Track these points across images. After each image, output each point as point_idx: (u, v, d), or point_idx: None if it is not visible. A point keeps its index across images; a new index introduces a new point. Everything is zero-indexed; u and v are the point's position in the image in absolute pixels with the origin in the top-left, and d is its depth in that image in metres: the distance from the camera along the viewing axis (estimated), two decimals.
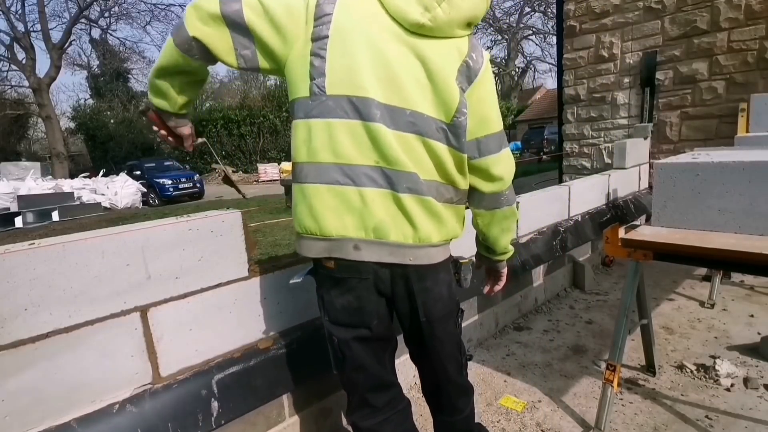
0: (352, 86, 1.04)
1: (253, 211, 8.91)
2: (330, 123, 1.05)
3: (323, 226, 1.09)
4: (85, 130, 28.65)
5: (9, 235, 9.30)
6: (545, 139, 21.31)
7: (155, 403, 1.34)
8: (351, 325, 1.18)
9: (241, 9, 1.01)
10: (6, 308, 1.11)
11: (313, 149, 1.07)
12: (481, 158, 1.17)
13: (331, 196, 1.07)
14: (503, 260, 1.43)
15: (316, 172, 1.07)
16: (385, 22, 1.05)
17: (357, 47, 1.03)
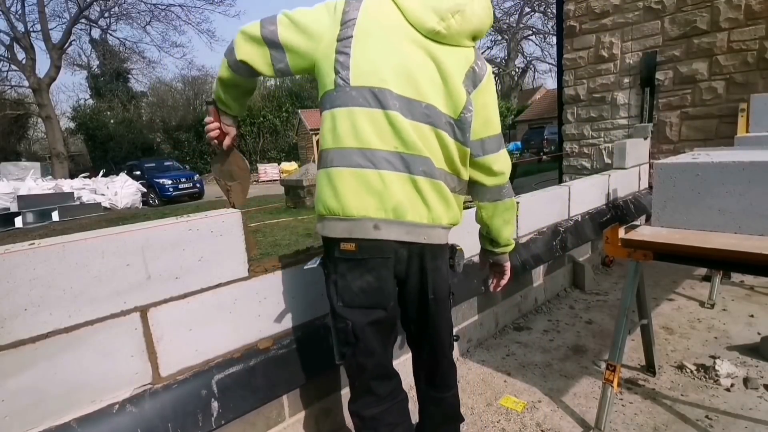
0: (374, 78, 1.15)
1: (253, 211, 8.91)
2: (353, 111, 1.16)
3: (346, 206, 1.17)
4: (85, 130, 28.64)
5: (9, 235, 9.31)
6: (545, 139, 21.33)
7: (155, 403, 1.34)
8: (369, 307, 1.25)
9: (276, 29, 1.21)
10: (6, 308, 1.11)
11: (338, 135, 1.17)
12: (484, 156, 1.32)
13: (354, 179, 1.17)
14: (506, 252, 1.55)
15: (340, 156, 1.18)
16: (404, 28, 1.19)
17: (378, 45, 1.17)
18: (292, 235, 6.62)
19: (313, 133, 24.62)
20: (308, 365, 1.70)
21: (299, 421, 1.78)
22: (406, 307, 1.33)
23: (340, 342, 1.28)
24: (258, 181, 22.55)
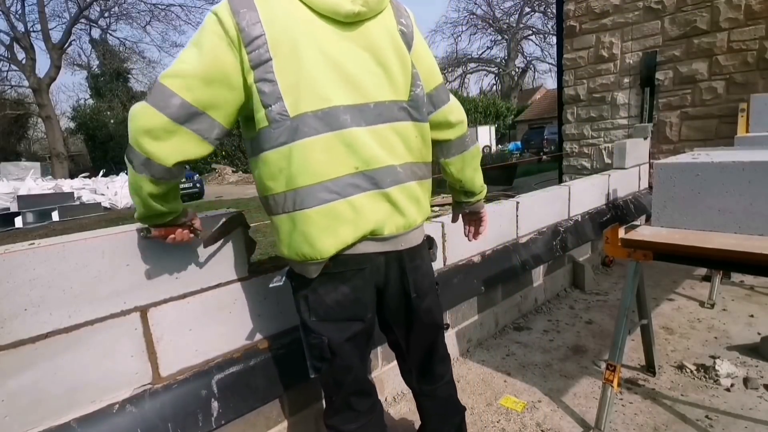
0: (315, 100, 1.01)
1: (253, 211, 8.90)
2: (301, 144, 1.01)
3: (322, 250, 1.07)
4: (85, 130, 28.65)
5: (9, 235, 9.30)
6: (545, 139, 21.32)
7: (155, 403, 1.34)
8: (345, 319, 1.17)
9: (179, 99, 0.95)
10: (6, 308, 1.11)
11: (291, 176, 1.03)
12: (437, 111, 1.25)
13: (322, 217, 1.05)
14: (482, 199, 1.51)
15: (301, 197, 1.04)
16: (319, 25, 1.02)
17: (304, 59, 0.99)
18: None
19: None
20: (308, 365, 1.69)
21: (299, 421, 1.78)
22: (389, 312, 1.27)
23: (314, 357, 1.20)
24: None
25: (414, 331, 1.31)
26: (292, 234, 1.09)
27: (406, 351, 1.37)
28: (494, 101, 31.59)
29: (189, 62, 0.97)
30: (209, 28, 0.98)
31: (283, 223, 1.10)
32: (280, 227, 1.12)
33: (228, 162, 28.27)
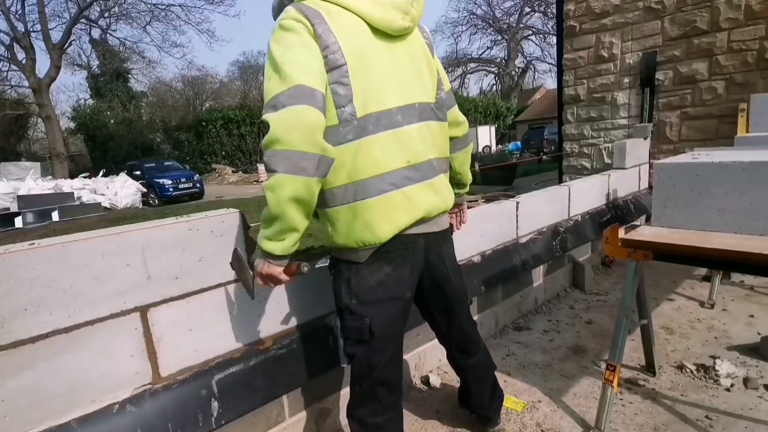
0: (376, 104, 1.15)
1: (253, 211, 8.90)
2: (365, 141, 1.15)
3: (381, 235, 1.19)
4: (85, 130, 28.62)
5: (9, 235, 9.30)
6: (545, 139, 21.30)
7: (155, 404, 1.34)
8: (386, 299, 1.27)
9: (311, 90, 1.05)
10: (6, 308, 1.11)
11: (355, 169, 1.15)
12: (449, 112, 1.44)
13: (381, 206, 1.18)
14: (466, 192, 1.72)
15: (362, 189, 1.17)
16: (374, 36, 1.17)
17: (370, 67, 1.14)
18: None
19: None
20: (308, 365, 1.70)
21: (299, 421, 1.78)
22: (426, 291, 1.41)
23: (352, 342, 1.28)
24: (258, 181, 22.55)
25: (448, 307, 1.49)
26: (353, 223, 1.19)
27: (446, 330, 1.55)
28: (494, 101, 31.58)
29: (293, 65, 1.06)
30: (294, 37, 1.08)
31: (342, 214, 1.20)
32: (337, 218, 1.21)
33: (228, 162, 28.26)
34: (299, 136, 1.01)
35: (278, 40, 1.09)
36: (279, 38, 1.09)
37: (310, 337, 1.72)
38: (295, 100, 1.02)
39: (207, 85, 35.39)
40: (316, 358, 1.72)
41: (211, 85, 35.98)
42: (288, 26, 1.09)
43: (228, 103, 32.91)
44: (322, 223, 1.26)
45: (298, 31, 1.08)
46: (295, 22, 1.08)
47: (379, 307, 1.26)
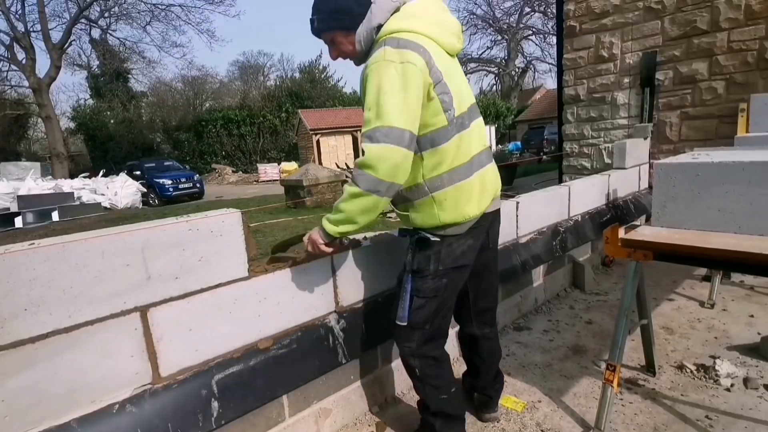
0: (461, 105, 1.48)
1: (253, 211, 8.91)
2: (464, 134, 1.48)
3: (482, 207, 1.52)
4: (85, 130, 28.65)
5: (9, 235, 9.30)
6: (545, 139, 21.30)
7: (155, 403, 1.34)
8: (462, 265, 1.56)
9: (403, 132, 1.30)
10: (6, 308, 1.11)
11: (456, 157, 1.45)
12: None
13: (476, 184, 1.50)
14: None
15: (459, 174, 1.47)
16: (446, 55, 1.47)
17: (452, 78, 1.44)
18: (292, 235, 6.62)
19: (313, 133, 24.60)
20: (308, 365, 1.70)
21: (299, 421, 1.78)
22: (478, 260, 1.63)
23: (424, 298, 1.53)
24: (258, 181, 22.55)
25: (486, 277, 1.76)
26: (459, 200, 1.47)
27: (475, 297, 1.77)
28: (494, 101, 31.60)
29: (409, 109, 1.33)
30: (412, 72, 1.32)
31: (449, 195, 1.46)
32: (445, 198, 1.46)
33: (228, 162, 28.25)
34: (385, 169, 1.30)
35: (382, 73, 1.32)
36: (383, 72, 1.32)
37: (311, 337, 1.72)
38: (388, 139, 1.28)
39: (207, 85, 35.40)
40: (316, 358, 1.72)
41: (211, 85, 36.01)
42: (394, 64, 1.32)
43: (228, 103, 32.93)
44: (422, 209, 1.49)
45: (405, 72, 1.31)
46: (399, 65, 1.31)
47: (458, 271, 1.57)
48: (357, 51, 1.48)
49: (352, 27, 1.44)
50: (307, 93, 31.45)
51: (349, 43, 1.48)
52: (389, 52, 1.32)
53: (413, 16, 1.41)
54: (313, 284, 1.75)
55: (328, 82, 34.99)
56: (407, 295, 1.54)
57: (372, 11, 1.42)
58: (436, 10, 1.47)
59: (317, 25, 1.49)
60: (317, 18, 1.48)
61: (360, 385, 2.00)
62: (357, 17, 1.43)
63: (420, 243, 1.53)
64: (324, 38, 1.52)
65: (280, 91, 32.07)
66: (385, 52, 1.33)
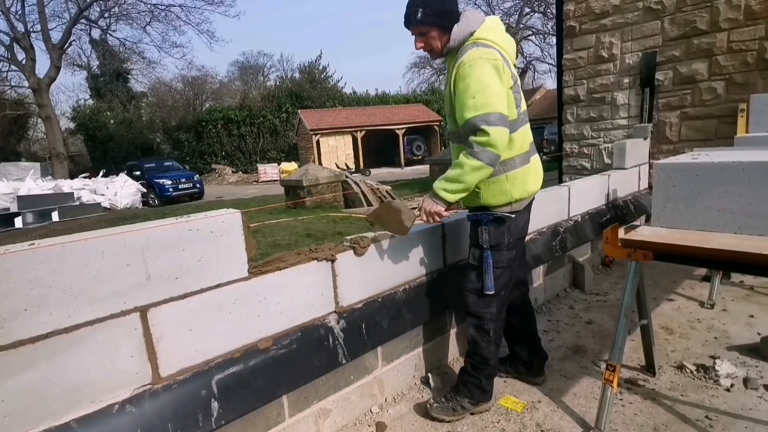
0: (523, 105, 1.83)
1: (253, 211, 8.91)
2: (526, 127, 1.87)
3: (537, 186, 1.91)
4: (84, 131, 28.63)
5: (9, 236, 9.30)
6: (545, 139, 21.26)
7: (155, 404, 1.34)
8: (523, 236, 1.97)
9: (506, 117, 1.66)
10: (6, 308, 1.11)
11: (522, 145, 1.82)
12: None
13: (534, 168, 1.87)
14: None
15: (524, 158, 1.83)
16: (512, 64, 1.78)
17: (517, 84, 1.77)
18: (291, 235, 6.62)
19: (313, 134, 24.60)
20: (308, 365, 1.70)
21: (299, 421, 1.78)
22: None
23: (502, 269, 1.84)
24: (258, 181, 22.54)
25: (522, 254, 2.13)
26: (525, 179, 1.82)
27: (517, 265, 2.01)
28: None
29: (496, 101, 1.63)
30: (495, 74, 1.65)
31: (519, 175, 1.80)
32: (516, 177, 1.79)
33: (228, 162, 28.24)
34: (502, 146, 1.64)
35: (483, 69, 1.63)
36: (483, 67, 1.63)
37: (310, 338, 1.72)
38: (501, 122, 1.61)
39: (207, 86, 35.38)
40: (316, 358, 1.72)
41: (210, 85, 35.99)
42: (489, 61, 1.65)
43: (228, 103, 32.91)
44: (497, 187, 1.78)
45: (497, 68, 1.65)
46: (492, 62, 1.64)
47: (521, 242, 1.96)
48: (445, 48, 1.77)
49: (448, 28, 1.72)
50: (307, 93, 31.45)
51: (439, 40, 1.75)
52: (483, 52, 1.64)
53: (493, 30, 1.74)
54: (313, 284, 1.75)
55: (328, 83, 34.99)
56: (490, 268, 1.81)
57: (468, 18, 1.73)
58: (503, 29, 1.80)
59: (421, 16, 1.70)
60: (423, 11, 1.69)
61: (360, 385, 2.00)
62: (454, 21, 1.72)
63: (497, 221, 1.82)
64: (419, 30, 1.75)
65: (280, 91, 32.06)
66: (480, 52, 1.64)
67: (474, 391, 1.96)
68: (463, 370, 2.01)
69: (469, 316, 1.95)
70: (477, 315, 1.91)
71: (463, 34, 1.72)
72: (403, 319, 2.05)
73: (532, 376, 2.20)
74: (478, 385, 1.95)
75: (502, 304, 1.92)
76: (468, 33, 1.71)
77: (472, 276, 1.90)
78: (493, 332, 1.91)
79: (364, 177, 12.54)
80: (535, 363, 2.19)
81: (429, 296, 2.17)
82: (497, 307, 1.89)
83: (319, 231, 6.83)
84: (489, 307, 1.88)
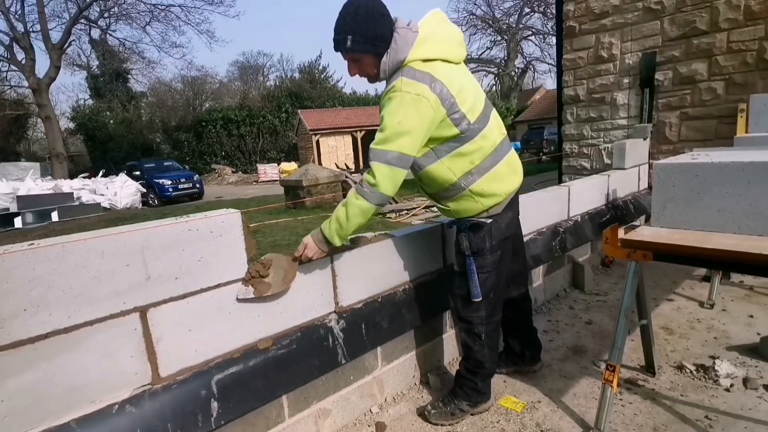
0: (474, 111, 1.66)
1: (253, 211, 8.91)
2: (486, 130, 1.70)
3: (514, 185, 1.81)
4: (84, 131, 28.62)
5: (8, 236, 9.30)
6: (545, 139, 21.30)
7: (155, 404, 1.34)
8: (509, 235, 1.84)
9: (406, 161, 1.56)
10: (5, 309, 1.11)
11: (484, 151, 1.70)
12: None
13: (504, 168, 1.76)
14: None
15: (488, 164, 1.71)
16: (455, 67, 1.66)
17: (464, 91, 1.63)
18: (291, 235, 6.62)
19: (313, 134, 24.60)
20: (308, 365, 1.70)
21: (299, 422, 1.78)
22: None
23: (487, 272, 1.79)
24: (258, 181, 22.54)
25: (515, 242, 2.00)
26: (492, 185, 1.72)
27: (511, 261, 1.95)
28: (494, 102, 31.55)
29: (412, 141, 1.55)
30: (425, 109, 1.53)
31: (486, 182, 1.71)
32: (483, 187, 1.71)
33: (228, 162, 28.23)
34: (391, 188, 1.55)
35: (399, 103, 1.52)
36: (400, 101, 1.52)
37: (310, 338, 1.72)
38: (400, 162, 1.53)
39: (206, 86, 35.37)
40: (315, 359, 1.72)
41: (210, 85, 35.99)
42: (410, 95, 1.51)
43: (228, 103, 32.91)
44: (465, 202, 1.73)
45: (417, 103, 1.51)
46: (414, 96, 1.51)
47: (507, 241, 1.84)
48: (380, 76, 1.65)
49: (382, 54, 1.59)
50: (306, 93, 31.44)
51: (374, 68, 1.63)
52: (407, 84, 1.52)
53: (426, 41, 1.58)
54: (313, 284, 1.75)
55: (328, 83, 35.00)
56: (474, 275, 1.79)
57: (397, 44, 1.57)
58: (442, 26, 1.65)
59: (351, 44, 1.57)
60: (352, 38, 1.56)
61: (360, 385, 2.00)
62: (387, 45, 1.58)
63: (474, 227, 1.77)
64: (351, 56, 1.62)
65: (280, 91, 32.06)
66: (403, 83, 1.52)
67: (471, 394, 1.95)
68: (458, 374, 2.01)
69: (460, 320, 1.93)
70: (467, 320, 1.89)
71: (392, 64, 1.60)
72: (403, 319, 2.05)
73: (527, 366, 2.25)
74: (474, 388, 1.95)
75: (492, 307, 1.88)
76: (397, 62, 1.59)
77: (458, 281, 1.87)
78: (485, 335, 1.88)
79: None
80: (527, 354, 2.24)
81: (429, 296, 2.17)
82: (486, 311, 1.86)
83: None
84: (478, 312, 1.85)
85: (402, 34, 1.57)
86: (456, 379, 2.02)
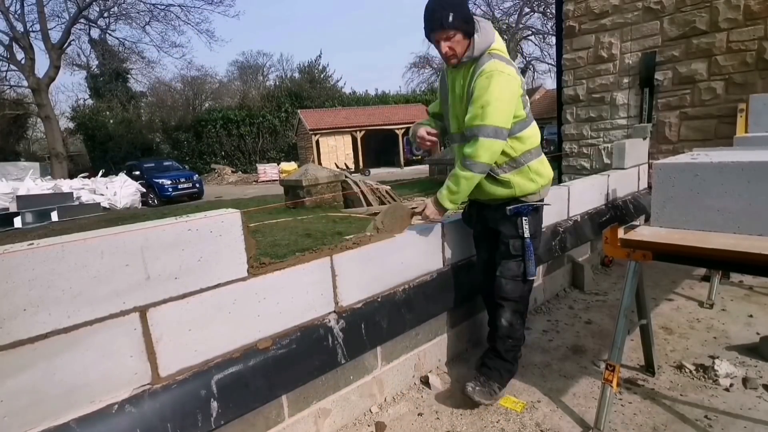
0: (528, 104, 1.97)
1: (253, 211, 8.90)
2: (534, 125, 1.99)
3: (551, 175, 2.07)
4: (84, 131, 28.60)
5: (8, 236, 9.29)
6: (544, 139, 21.23)
7: (154, 404, 1.34)
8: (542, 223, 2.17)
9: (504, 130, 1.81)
10: (5, 308, 1.11)
11: (535, 138, 1.99)
12: None
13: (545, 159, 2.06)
14: None
15: (538, 150, 2.01)
16: None
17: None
18: (291, 235, 6.62)
19: (313, 134, 24.59)
20: (308, 365, 1.70)
21: (299, 421, 1.78)
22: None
23: (537, 250, 2.04)
24: (258, 181, 22.54)
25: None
26: (544, 167, 2.02)
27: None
28: None
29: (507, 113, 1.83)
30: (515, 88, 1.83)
31: (537, 165, 1.98)
32: (537, 167, 1.98)
33: (227, 162, 28.22)
34: (490, 158, 1.81)
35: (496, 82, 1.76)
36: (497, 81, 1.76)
37: (310, 337, 1.72)
38: (497, 135, 1.77)
39: (206, 85, 35.35)
40: (315, 358, 1.72)
41: (210, 85, 35.96)
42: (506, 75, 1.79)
43: (227, 103, 32.90)
44: (523, 177, 1.94)
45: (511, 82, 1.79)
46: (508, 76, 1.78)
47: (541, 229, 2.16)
48: (467, 55, 1.84)
49: (470, 35, 1.81)
50: (306, 93, 31.43)
51: (463, 46, 1.82)
52: (501, 65, 1.78)
53: (500, 41, 1.88)
54: (313, 284, 1.75)
55: (328, 82, 34.99)
56: (532, 255, 1.99)
57: (485, 29, 1.83)
58: None
59: (452, 20, 1.75)
60: (453, 15, 1.75)
61: (359, 385, 2.00)
62: (474, 29, 1.81)
63: (536, 210, 2.02)
64: (446, 34, 1.79)
65: (280, 91, 32.05)
66: (498, 64, 1.78)
67: (504, 375, 2.07)
68: (493, 356, 2.08)
69: (506, 302, 2.05)
70: (515, 300, 2.05)
71: (484, 45, 1.83)
72: (403, 319, 2.05)
73: None
74: (509, 369, 2.09)
75: (532, 286, 2.18)
76: (488, 44, 1.83)
77: (511, 265, 2.02)
78: (525, 313, 2.16)
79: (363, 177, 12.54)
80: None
81: (428, 296, 2.17)
82: (530, 289, 2.12)
83: (318, 231, 6.83)
84: (524, 291, 2.07)
85: (482, 22, 1.85)
86: (490, 361, 2.08)
